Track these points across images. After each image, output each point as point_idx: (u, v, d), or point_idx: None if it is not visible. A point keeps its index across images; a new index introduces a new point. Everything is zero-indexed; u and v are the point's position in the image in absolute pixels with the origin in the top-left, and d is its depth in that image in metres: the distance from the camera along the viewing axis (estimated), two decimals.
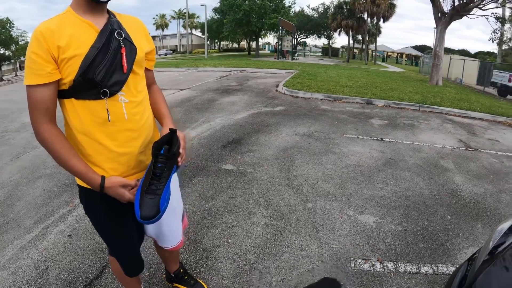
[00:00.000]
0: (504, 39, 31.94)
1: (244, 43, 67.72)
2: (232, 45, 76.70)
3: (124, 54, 1.46)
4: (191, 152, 5.23)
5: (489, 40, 26.76)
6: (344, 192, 4.16)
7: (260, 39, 44.85)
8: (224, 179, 4.37)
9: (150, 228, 1.88)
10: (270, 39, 75.78)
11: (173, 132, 1.55)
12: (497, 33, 26.00)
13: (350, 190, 4.22)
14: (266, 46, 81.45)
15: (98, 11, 1.45)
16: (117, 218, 1.69)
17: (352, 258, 2.97)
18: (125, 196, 1.52)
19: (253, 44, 49.25)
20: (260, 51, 50.61)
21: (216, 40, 63.24)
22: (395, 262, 2.95)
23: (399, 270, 2.86)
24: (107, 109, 1.46)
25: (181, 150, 1.55)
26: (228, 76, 15.52)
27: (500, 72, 19.32)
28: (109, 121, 1.48)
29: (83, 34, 1.39)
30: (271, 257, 2.93)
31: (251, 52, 50.67)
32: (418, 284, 2.71)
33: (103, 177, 1.48)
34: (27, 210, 3.59)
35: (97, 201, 1.62)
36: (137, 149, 1.61)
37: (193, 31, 75.92)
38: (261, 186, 4.22)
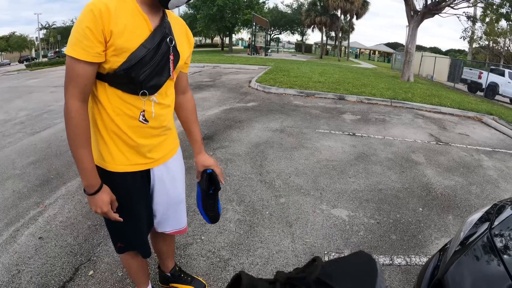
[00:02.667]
0: (474, 37, 32.82)
1: (217, 39, 67.19)
2: (205, 40, 75.95)
3: (171, 61, 1.48)
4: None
5: (460, 38, 27.48)
6: (317, 187, 4.13)
7: (233, 35, 44.72)
8: (194, 176, 4.25)
9: (156, 213, 1.85)
10: (244, 35, 75.74)
11: (211, 172, 1.90)
12: (468, 32, 26.72)
13: (323, 185, 4.19)
14: (240, 42, 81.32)
15: (157, 6, 1.43)
16: (131, 202, 1.67)
17: (325, 252, 2.95)
18: (103, 209, 1.50)
19: (227, 40, 48.98)
20: (234, 47, 50.44)
21: None
22: None
23: None
24: (143, 110, 1.49)
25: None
26: (201, 72, 15.34)
27: (470, 69, 19.95)
28: (146, 122, 1.51)
29: (137, 28, 1.37)
30: (245, 253, 2.88)
31: (224, 48, 50.42)
32: (392, 276, 2.72)
33: (101, 186, 1.49)
34: None
35: (113, 183, 1.58)
36: (153, 144, 1.62)
37: None
38: (234, 182, 4.15)
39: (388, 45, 73.21)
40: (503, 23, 28.93)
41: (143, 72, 1.38)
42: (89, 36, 1.26)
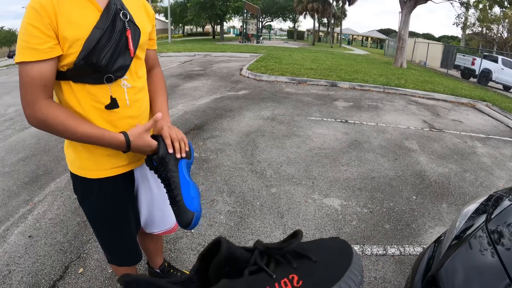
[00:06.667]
0: (468, 24, 32.83)
1: (208, 27, 66.51)
2: (196, 29, 75.23)
3: (129, 37, 1.34)
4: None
5: (453, 24, 27.52)
6: (309, 176, 4.05)
7: (224, 23, 44.37)
8: None
9: (141, 214, 1.74)
10: (235, 22, 75.35)
11: (154, 137, 1.44)
12: (461, 18, 26.69)
13: (315, 173, 4.12)
14: (231, 29, 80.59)
15: None
16: (116, 208, 1.58)
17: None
18: (152, 143, 1.39)
19: (218, 28, 48.48)
20: (225, 35, 50.11)
21: (180, 25, 61.92)
22: (361, 245, 2.89)
23: (366, 253, 2.81)
24: (111, 96, 1.35)
25: (170, 150, 1.40)
26: (191, 61, 15.14)
27: (464, 56, 19.95)
28: (117, 107, 1.38)
29: (84, 11, 1.24)
30: None
31: (215, 36, 49.91)
32: (385, 266, 2.67)
33: (125, 133, 1.34)
34: None
35: (95, 190, 1.51)
36: None
37: (156, 16, 73.79)
38: (224, 172, 4.06)
39: (381, 31, 72.97)
40: (496, 9, 28.97)
41: (104, 55, 1.25)
42: (35, 32, 1.15)
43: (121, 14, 1.30)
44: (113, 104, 1.36)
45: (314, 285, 0.54)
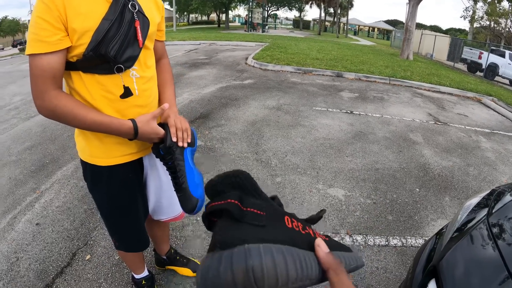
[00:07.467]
0: (476, 17, 32.41)
1: (213, 16, 66.04)
2: (201, 17, 74.58)
3: (138, 28, 1.35)
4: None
5: (461, 17, 27.20)
6: (313, 166, 4.07)
7: (230, 12, 43.97)
8: None
9: (150, 201, 1.78)
10: (241, 11, 74.58)
11: (161, 126, 1.48)
12: (469, 11, 26.29)
13: (319, 164, 4.14)
14: (236, 18, 79.84)
15: None
16: (125, 195, 1.62)
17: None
18: (159, 131, 1.43)
19: (223, 17, 48.11)
20: (230, 24, 49.68)
21: (185, 13, 61.47)
22: (364, 235, 2.92)
23: (369, 243, 2.83)
24: (123, 85, 1.38)
25: (173, 139, 1.43)
26: (197, 49, 15.07)
27: (471, 49, 19.67)
28: (131, 94, 1.41)
29: (93, 3, 1.25)
30: None
31: (221, 25, 49.56)
32: (387, 257, 2.70)
33: (133, 120, 1.38)
34: None
35: (105, 177, 1.55)
36: None
37: None
38: (229, 161, 4.08)
39: (388, 22, 72.30)
40: (505, 3, 28.61)
41: (113, 46, 1.27)
42: (44, 25, 1.17)
43: (129, 5, 1.32)
44: (126, 93, 1.39)
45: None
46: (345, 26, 48.53)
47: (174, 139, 1.44)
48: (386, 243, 2.86)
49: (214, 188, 0.56)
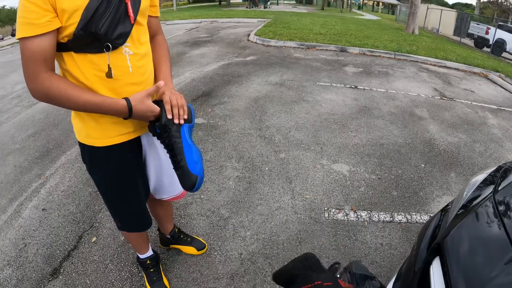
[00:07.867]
0: None
1: None
2: None
3: (129, 3, 1.31)
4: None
5: None
6: (317, 141, 4.03)
7: None
8: (194, 133, 4.15)
9: (150, 180, 1.77)
10: None
11: (157, 103, 1.43)
12: None
13: (323, 139, 4.09)
14: None
15: None
16: (124, 175, 1.61)
17: (325, 208, 2.91)
18: (154, 108, 1.40)
19: None
20: (232, 1, 48.92)
21: None
22: (369, 211, 2.90)
23: (373, 219, 2.82)
24: (108, 65, 1.33)
25: (169, 116, 1.41)
26: (198, 28, 14.83)
27: (478, 24, 19.26)
28: (111, 77, 1.35)
29: None
30: (245, 210, 2.86)
31: (222, 2, 48.92)
32: (392, 233, 2.68)
33: (127, 98, 1.35)
34: (0, 190, 3.36)
35: (102, 158, 1.54)
36: None
37: None
38: (233, 138, 4.05)
39: None
40: None
41: (102, 24, 1.24)
42: (32, 7, 1.14)
43: None
44: (109, 73, 1.35)
45: None
46: (349, 1, 47.69)
47: (170, 116, 1.41)
48: (391, 219, 2.84)
49: (289, 272, 0.67)
